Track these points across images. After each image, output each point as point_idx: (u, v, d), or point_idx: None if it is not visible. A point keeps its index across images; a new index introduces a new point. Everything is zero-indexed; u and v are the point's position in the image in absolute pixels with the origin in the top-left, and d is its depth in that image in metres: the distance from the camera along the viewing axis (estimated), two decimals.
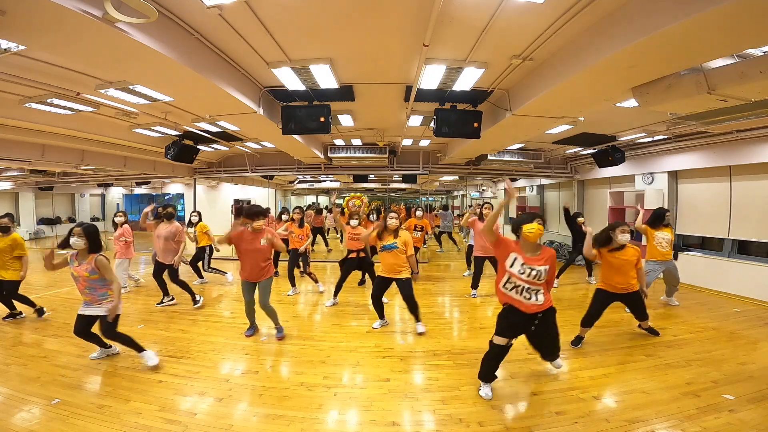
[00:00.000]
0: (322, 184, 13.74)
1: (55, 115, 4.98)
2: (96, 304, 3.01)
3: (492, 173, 10.25)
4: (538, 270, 2.51)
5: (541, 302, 2.55)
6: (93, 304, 3.01)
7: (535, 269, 2.50)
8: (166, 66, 3.05)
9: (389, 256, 3.87)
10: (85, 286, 2.95)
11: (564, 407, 2.58)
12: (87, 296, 3.00)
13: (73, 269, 2.93)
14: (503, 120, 4.69)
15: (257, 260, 3.60)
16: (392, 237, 3.86)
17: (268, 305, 3.73)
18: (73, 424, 2.35)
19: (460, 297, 5.55)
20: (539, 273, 2.50)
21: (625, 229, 3.48)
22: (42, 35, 2.50)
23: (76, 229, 2.91)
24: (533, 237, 2.54)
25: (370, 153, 7.77)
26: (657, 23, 2.35)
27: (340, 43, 3.35)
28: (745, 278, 5.45)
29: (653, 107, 3.52)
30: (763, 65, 2.66)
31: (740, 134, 5.32)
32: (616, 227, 3.53)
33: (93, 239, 2.94)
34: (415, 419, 2.49)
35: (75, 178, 11.20)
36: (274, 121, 4.85)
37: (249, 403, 2.65)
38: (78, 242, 2.89)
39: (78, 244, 2.90)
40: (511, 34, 3.11)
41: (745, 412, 2.49)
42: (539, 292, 2.56)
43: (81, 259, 2.94)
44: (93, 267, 2.90)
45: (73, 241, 2.90)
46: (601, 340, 3.76)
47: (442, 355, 3.45)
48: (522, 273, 2.52)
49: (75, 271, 2.93)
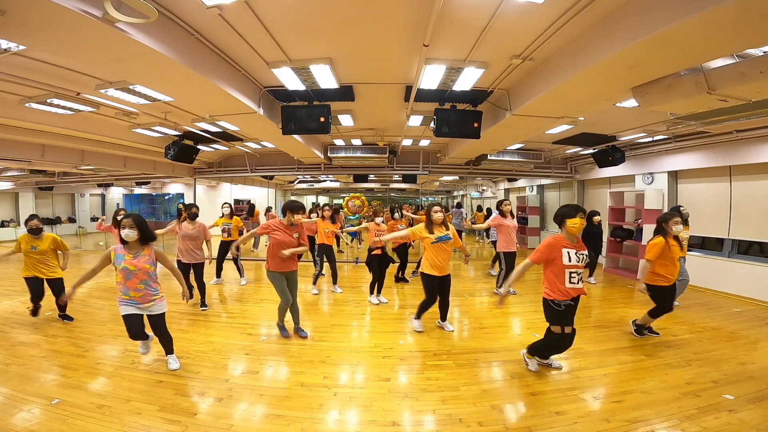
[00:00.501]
0: (322, 184, 13.75)
1: (55, 115, 4.98)
2: (147, 302, 2.85)
3: (492, 173, 10.27)
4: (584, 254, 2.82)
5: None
6: (143, 302, 2.84)
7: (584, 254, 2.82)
8: (166, 66, 3.05)
9: (444, 248, 3.77)
10: (141, 280, 2.79)
11: (564, 407, 2.58)
12: (139, 293, 2.81)
13: (128, 263, 2.74)
14: (503, 120, 4.69)
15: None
16: (444, 228, 3.82)
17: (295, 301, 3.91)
18: (73, 424, 2.35)
19: (460, 297, 5.54)
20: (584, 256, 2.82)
21: (678, 220, 3.58)
22: (42, 35, 2.50)
23: (125, 220, 2.74)
24: (576, 230, 2.78)
25: (370, 153, 7.77)
26: (657, 23, 2.35)
27: (340, 43, 3.35)
28: (745, 278, 5.45)
29: (653, 107, 3.52)
30: (763, 65, 2.66)
31: (740, 134, 5.32)
32: (669, 219, 3.59)
33: (144, 228, 2.79)
34: (415, 419, 2.49)
35: (75, 178, 11.21)
36: (274, 121, 4.85)
37: (249, 403, 2.65)
38: (130, 234, 2.73)
39: (130, 236, 2.74)
40: (511, 34, 3.11)
41: (745, 412, 2.49)
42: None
43: (134, 252, 2.80)
44: (153, 258, 2.83)
45: (126, 233, 2.73)
46: (601, 340, 3.76)
47: (442, 355, 3.45)
48: (579, 261, 2.79)
49: (131, 265, 2.74)
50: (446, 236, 3.77)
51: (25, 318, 4.41)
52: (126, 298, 2.82)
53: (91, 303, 5.08)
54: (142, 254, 2.81)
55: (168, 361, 3.15)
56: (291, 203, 3.72)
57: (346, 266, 8.06)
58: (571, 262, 2.74)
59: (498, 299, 3.06)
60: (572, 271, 2.75)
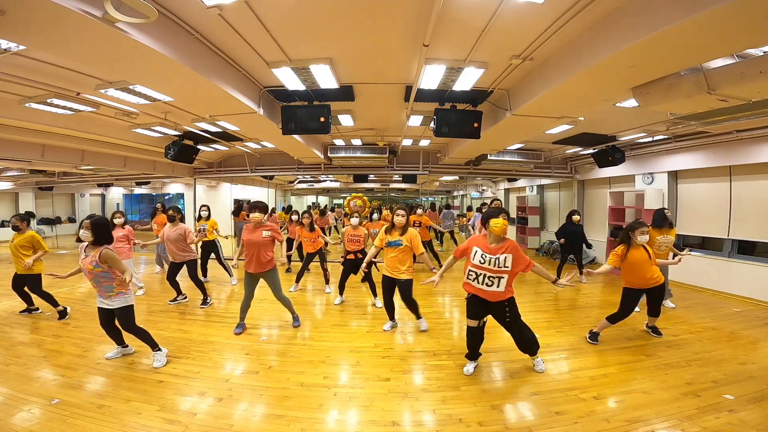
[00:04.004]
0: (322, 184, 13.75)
1: (55, 115, 4.98)
2: (105, 297, 3.02)
3: (492, 173, 10.26)
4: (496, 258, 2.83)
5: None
6: (103, 297, 3.04)
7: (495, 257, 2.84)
8: (166, 66, 3.04)
9: (393, 253, 3.85)
10: (90, 278, 2.97)
11: (564, 407, 2.58)
12: (95, 288, 3.03)
13: (82, 262, 2.97)
14: (503, 120, 4.68)
15: (259, 252, 3.82)
16: (398, 234, 3.86)
17: (282, 296, 4.05)
18: (73, 424, 2.35)
19: (460, 297, 5.54)
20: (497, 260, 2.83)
21: (644, 230, 3.55)
22: (42, 35, 2.50)
23: (85, 221, 2.94)
24: (498, 231, 2.83)
25: (370, 153, 7.76)
26: (657, 23, 2.35)
27: (340, 43, 3.35)
28: (745, 278, 5.45)
29: (653, 107, 3.52)
30: (763, 65, 2.66)
31: (740, 134, 5.32)
32: (636, 228, 3.56)
33: (99, 232, 2.94)
34: (415, 419, 2.49)
35: (75, 178, 11.19)
36: (274, 121, 4.84)
37: (249, 403, 2.65)
38: (86, 234, 2.92)
39: (86, 237, 2.92)
40: (511, 34, 3.11)
41: (745, 412, 2.49)
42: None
43: (88, 252, 2.97)
44: (96, 260, 2.91)
45: (82, 234, 2.93)
46: (601, 340, 3.76)
47: (442, 355, 3.45)
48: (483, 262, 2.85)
49: (81, 263, 2.97)
50: (396, 242, 3.82)
51: (25, 318, 4.42)
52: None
53: (91, 303, 5.08)
54: (91, 255, 2.94)
55: (153, 358, 3.20)
56: (253, 204, 3.94)
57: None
58: (474, 261, 2.87)
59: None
60: (471, 269, 2.90)
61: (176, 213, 4.89)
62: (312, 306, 5.15)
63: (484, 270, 2.82)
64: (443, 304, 5.38)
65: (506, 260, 2.79)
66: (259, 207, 3.89)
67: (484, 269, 2.82)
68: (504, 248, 2.84)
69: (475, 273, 2.86)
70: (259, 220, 3.85)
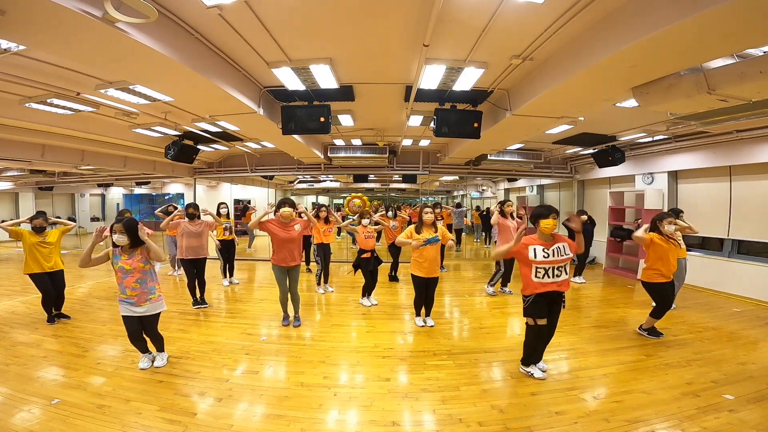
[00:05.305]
0: (322, 184, 13.74)
1: (55, 115, 4.98)
2: (143, 301, 2.96)
3: (492, 173, 10.26)
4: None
5: None
6: (139, 302, 2.95)
7: None
8: (166, 66, 3.04)
9: (432, 249, 3.87)
10: (136, 278, 2.91)
11: (564, 407, 2.58)
12: (135, 291, 2.93)
13: (124, 263, 2.89)
14: (503, 120, 4.69)
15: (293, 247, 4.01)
16: (433, 230, 3.89)
17: (298, 291, 4.21)
18: (73, 424, 2.35)
19: (460, 297, 5.55)
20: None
21: (671, 220, 3.74)
22: (42, 35, 2.50)
23: (116, 225, 2.88)
24: (549, 230, 2.95)
25: (370, 153, 7.77)
26: (657, 23, 2.35)
27: (340, 43, 3.35)
28: (745, 278, 5.45)
29: (653, 107, 3.52)
30: (763, 65, 2.66)
31: (740, 134, 5.32)
32: (663, 218, 3.75)
33: (133, 233, 2.90)
34: (415, 419, 2.49)
35: (75, 178, 11.20)
36: (274, 121, 4.85)
37: (249, 403, 2.65)
38: (121, 238, 2.87)
39: (121, 240, 2.88)
40: (511, 34, 3.11)
41: (745, 412, 2.49)
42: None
43: (128, 253, 2.92)
44: (146, 256, 2.93)
45: (116, 238, 2.88)
46: (601, 340, 3.76)
47: (442, 355, 3.45)
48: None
49: (127, 264, 2.89)
50: (434, 238, 3.85)
51: (25, 318, 4.41)
52: (124, 297, 2.95)
53: (91, 303, 5.08)
54: (136, 254, 2.93)
55: (156, 357, 3.22)
56: (282, 199, 4.06)
57: (347, 266, 8.06)
58: (538, 258, 2.90)
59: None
60: (539, 267, 2.91)
61: (195, 210, 5.00)
62: (312, 306, 5.15)
63: (552, 263, 2.89)
64: (443, 304, 5.37)
65: (565, 248, 2.94)
66: (288, 202, 3.98)
67: (552, 262, 2.89)
68: (556, 239, 2.99)
69: (544, 269, 2.90)
70: (289, 215, 3.92)
